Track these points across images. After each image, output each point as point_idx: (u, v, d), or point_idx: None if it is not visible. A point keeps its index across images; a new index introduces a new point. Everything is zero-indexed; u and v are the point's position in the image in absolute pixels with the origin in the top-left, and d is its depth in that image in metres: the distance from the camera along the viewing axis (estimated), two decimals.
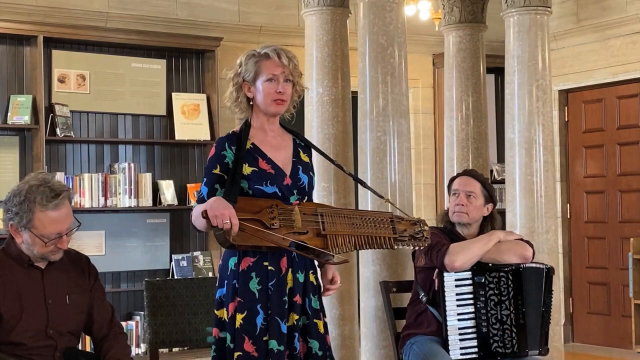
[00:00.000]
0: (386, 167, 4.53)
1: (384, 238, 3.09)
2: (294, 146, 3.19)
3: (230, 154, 3.06)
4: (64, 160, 6.13)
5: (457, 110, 5.42)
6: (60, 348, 2.94)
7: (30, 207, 2.83)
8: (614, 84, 7.20)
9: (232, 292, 3.02)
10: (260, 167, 3.06)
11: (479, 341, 3.71)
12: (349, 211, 3.19)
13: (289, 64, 3.08)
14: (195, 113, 6.54)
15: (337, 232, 3.04)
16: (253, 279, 3.00)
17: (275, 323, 2.99)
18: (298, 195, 3.10)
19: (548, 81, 4.84)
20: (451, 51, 5.51)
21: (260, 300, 2.99)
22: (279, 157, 3.12)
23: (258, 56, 3.09)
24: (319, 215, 3.04)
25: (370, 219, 3.11)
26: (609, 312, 7.29)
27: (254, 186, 3.03)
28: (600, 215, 7.39)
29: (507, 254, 3.77)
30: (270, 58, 3.07)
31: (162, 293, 3.66)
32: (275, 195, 3.04)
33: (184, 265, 6.38)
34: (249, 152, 3.08)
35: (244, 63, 3.10)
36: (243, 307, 2.98)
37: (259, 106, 3.11)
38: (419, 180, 7.50)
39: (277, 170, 3.08)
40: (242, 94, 3.12)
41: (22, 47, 6.01)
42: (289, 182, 3.09)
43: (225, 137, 3.12)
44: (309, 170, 3.18)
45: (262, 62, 3.08)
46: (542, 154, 4.74)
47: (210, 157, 3.12)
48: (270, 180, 3.05)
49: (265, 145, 3.12)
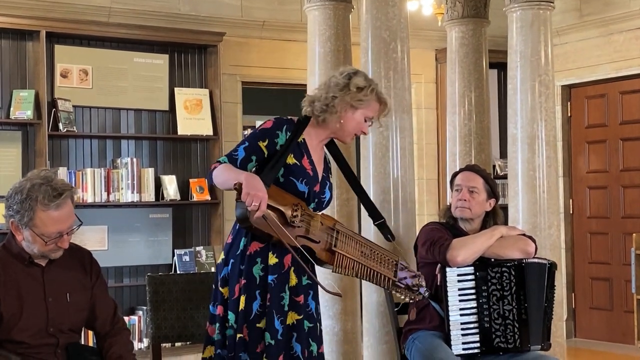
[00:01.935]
0: (388, 163, 4.53)
1: (385, 277, 3.16)
2: (325, 163, 3.29)
3: (283, 137, 3.11)
4: (67, 155, 6.14)
5: (460, 105, 5.41)
6: (61, 345, 2.94)
7: (32, 206, 2.81)
8: (617, 79, 7.19)
9: (237, 274, 3.06)
10: (302, 163, 3.13)
11: (481, 336, 3.71)
12: (362, 239, 3.23)
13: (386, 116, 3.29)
14: (197, 108, 6.54)
15: (347, 253, 3.10)
16: (258, 264, 3.05)
17: (271, 316, 3.02)
18: (316, 205, 3.17)
19: (551, 76, 4.83)
20: (454, 46, 5.50)
21: (259, 287, 3.03)
22: (317, 164, 3.22)
23: (376, 95, 3.21)
24: (335, 231, 3.11)
25: (379, 254, 3.18)
26: (612, 308, 7.29)
27: (290, 177, 3.09)
28: (603, 211, 7.38)
29: (509, 249, 3.77)
30: (386, 106, 3.25)
31: (165, 288, 3.66)
32: (302, 195, 3.10)
33: (186, 260, 6.39)
34: (299, 145, 3.15)
35: (366, 93, 3.17)
36: (247, 288, 3.03)
37: (339, 124, 3.20)
38: (421, 176, 7.50)
39: (314, 174, 3.17)
40: (336, 106, 3.17)
41: (24, 42, 6.01)
42: (318, 188, 3.17)
43: (286, 120, 3.17)
44: (331, 189, 3.30)
45: (373, 102, 3.20)
46: (545, 150, 4.73)
47: (263, 128, 3.14)
48: (306, 179, 3.12)
49: (311, 148, 3.21)
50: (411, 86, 4.72)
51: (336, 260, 3.07)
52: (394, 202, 4.51)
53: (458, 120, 5.41)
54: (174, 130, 6.49)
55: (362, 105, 3.17)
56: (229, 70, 6.74)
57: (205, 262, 6.41)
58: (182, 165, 6.55)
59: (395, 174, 4.52)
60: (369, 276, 3.14)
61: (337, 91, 3.16)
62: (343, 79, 3.18)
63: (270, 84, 7.17)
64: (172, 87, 6.51)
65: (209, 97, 6.58)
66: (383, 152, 4.54)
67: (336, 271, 3.10)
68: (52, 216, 2.83)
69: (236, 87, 6.87)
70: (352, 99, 3.15)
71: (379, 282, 3.16)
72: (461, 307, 3.71)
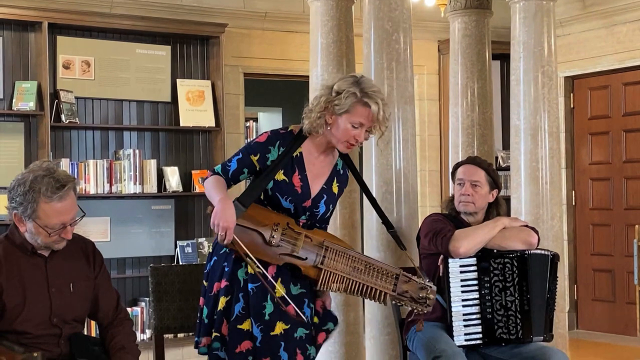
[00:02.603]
0: (391, 154, 4.52)
1: (379, 292, 3.10)
2: (331, 173, 3.21)
3: (275, 153, 3.09)
4: (69, 146, 6.14)
5: (463, 96, 5.40)
6: (64, 336, 2.94)
7: (35, 198, 2.81)
8: (620, 71, 7.17)
9: (219, 273, 3.07)
10: (292, 180, 3.10)
11: (484, 327, 3.71)
12: (356, 254, 3.16)
13: (381, 118, 3.06)
14: (200, 99, 6.54)
15: (335, 269, 3.06)
16: (243, 267, 3.05)
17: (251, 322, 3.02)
18: (308, 218, 3.14)
19: (554, 67, 4.81)
20: (457, 37, 5.49)
21: (243, 290, 3.04)
22: (312, 180, 3.14)
23: (358, 98, 3.04)
24: (323, 248, 3.07)
25: (376, 268, 3.12)
26: (614, 299, 7.30)
27: (276, 193, 3.08)
28: (606, 202, 7.38)
29: (512, 240, 3.77)
30: (369, 108, 3.04)
31: (167, 279, 3.67)
32: (288, 212, 3.09)
33: (188, 251, 6.40)
34: (292, 159, 3.10)
35: (343, 97, 3.04)
36: (229, 291, 3.04)
37: (331, 134, 3.10)
38: (423, 167, 7.50)
39: (304, 191, 3.11)
40: (324, 118, 3.09)
41: (26, 33, 6.01)
42: (308, 204, 3.13)
43: (280, 135, 3.12)
44: (331, 201, 3.20)
45: (358, 106, 3.05)
46: (548, 141, 4.72)
47: (257, 141, 3.13)
48: (292, 197, 3.09)
49: (309, 163, 3.14)
50: (414, 77, 4.71)
51: (322, 277, 3.05)
52: (396, 193, 4.51)
53: (461, 111, 5.40)
54: (176, 121, 6.49)
55: (342, 110, 3.04)
56: (231, 62, 6.74)
57: (208, 254, 6.41)
58: (184, 156, 6.56)
59: (397, 165, 4.52)
60: (361, 292, 3.09)
61: (323, 96, 3.09)
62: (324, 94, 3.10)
63: (273, 76, 7.16)
64: (174, 78, 6.50)
65: (211, 89, 6.58)
66: (385, 144, 4.52)
67: (322, 288, 3.08)
68: (55, 208, 2.83)
69: (238, 78, 6.87)
70: (331, 104, 3.06)
71: (374, 297, 3.10)
72: (463, 298, 3.71)
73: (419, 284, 3.15)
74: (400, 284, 3.12)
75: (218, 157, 6.54)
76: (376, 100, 3.04)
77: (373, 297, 3.11)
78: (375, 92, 3.07)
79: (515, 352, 3.70)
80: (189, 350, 5.89)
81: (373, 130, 3.11)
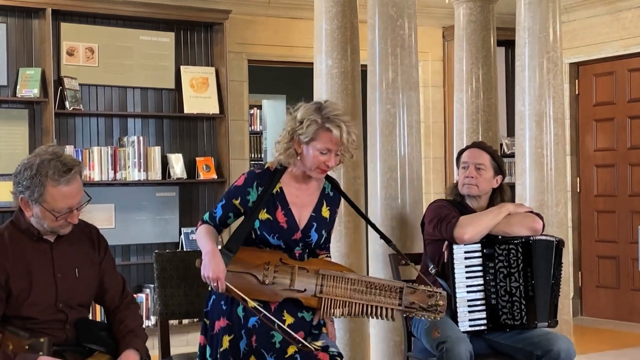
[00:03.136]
0: (395, 140, 4.51)
1: (385, 309, 3.10)
2: (320, 198, 3.22)
3: (254, 194, 3.13)
4: (73, 133, 6.14)
5: (467, 82, 5.38)
6: (70, 321, 2.94)
7: (42, 182, 2.80)
8: (625, 57, 7.14)
9: (218, 312, 3.12)
10: (276, 217, 3.13)
11: (488, 313, 3.71)
12: (355, 276, 3.17)
13: (347, 141, 3.07)
14: (204, 86, 6.53)
15: (335, 296, 3.09)
16: (240, 305, 3.08)
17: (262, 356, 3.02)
18: (303, 248, 3.17)
19: (559, 53, 4.79)
20: (461, 23, 5.46)
21: (244, 326, 3.06)
22: (298, 211, 3.17)
23: (320, 125, 3.05)
24: (320, 276, 3.09)
25: (377, 286, 3.12)
26: (618, 286, 7.30)
27: (263, 232, 3.12)
28: (610, 189, 7.36)
29: (517, 226, 3.76)
30: (331, 133, 3.05)
31: (172, 265, 3.67)
32: (279, 247, 3.13)
33: (193, 238, 6.40)
34: (272, 196, 3.13)
35: (305, 124, 3.07)
36: (231, 329, 3.07)
37: (303, 164, 3.13)
38: (428, 154, 7.49)
39: (290, 225, 3.14)
40: (293, 147, 3.11)
41: (30, 20, 6.00)
42: (299, 236, 3.16)
43: (257, 175, 3.16)
44: (324, 227, 3.21)
45: (321, 132, 3.06)
46: (553, 127, 4.70)
47: (236, 185, 3.19)
48: (279, 234, 3.13)
49: (291, 195, 3.16)
50: (418, 64, 4.70)
51: (323, 305, 3.07)
52: (400, 179, 4.50)
53: (465, 97, 5.38)
54: (180, 108, 6.49)
55: (307, 138, 3.07)
56: (235, 49, 6.72)
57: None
58: (188, 143, 6.55)
59: (402, 151, 4.51)
60: (367, 312, 3.10)
61: (288, 137, 3.12)
62: (291, 115, 3.13)
63: (277, 62, 7.15)
64: (178, 65, 6.50)
65: (215, 76, 6.57)
66: (390, 130, 4.52)
67: (325, 316, 3.10)
68: (62, 191, 2.83)
69: (242, 65, 6.86)
70: (296, 134, 3.09)
71: (380, 315, 3.11)
72: (468, 284, 3.71)
73: (427, 292, 3.14)
74: (406, 296, 3.11)
75: (222, 144, 6.54)
76: (338, 124, 3.05)
77: (380, 315, 3.11)
78: (337, 115, 3.07)
79: (520, 338, 3.71)
80: (194, 337, 5.90)
81: (343, 153, 3.11)
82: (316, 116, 3.06)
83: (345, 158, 3.14)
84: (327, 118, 3.05)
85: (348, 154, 3.12)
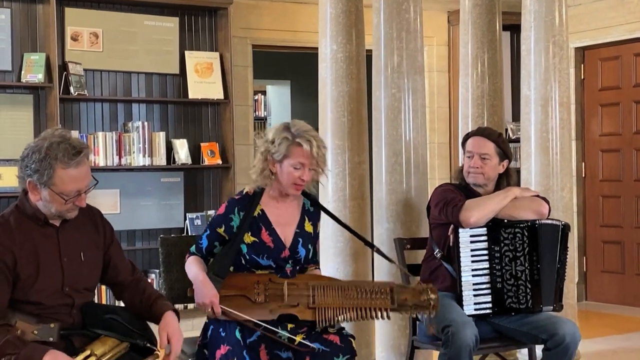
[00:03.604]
0: (400, 125, 4.51)
1: (378, 309, 3.17)
2: (301, 214, 3.32)
3: (237, 220, 3.22)
4: (78, 118, 6.14)
5: (473, 67, 5.35)
6: (77, 305, 2.94)
7: (52, 164, 2.79)
8: (631, 41, 7.11)
9: (218, 340, 3.14)
10: (262, 238, 3.22)
11: (493, 296, 3.72)
12: (345, 283, 3.29)
13: (317, 155, 3.17)
14: (208, 71, 6.52)
15: (327, 304, 3.14)
16: (237, 327, 3.11)
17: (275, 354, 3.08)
18: (293, 265, 3.25)
19: (565, 37, 4.77)
20: (467, 7, 5.43)
21: (244, 346, 3.09)
22: (282, 230, 3.26)
23: (291, 141, 3.16)
24: (310, 288, 3.15)
25: (368, 289, 3.19)
26: (623, 271, 7.29)
27: (251, 255, 3.20)
28: (616, 174, 7.35)
29: (522, 210, 3.76)
30: (302, 147, 3.15)
31: (177, 249, 3.67)
32: (269, 267, 3.20)
33: (198, 224, 6.41)
34: (255, 219, 3.22)
35: (277, 143, 3.18)
36: (233, 353, 3.08)
37: (279, 182, 3.22)
38: (433, 139, 7.47)
39: (276, 244, 3.23)
40: (268, 168, 3.21)
41: (34, 5, 5.99)
42: (287, 254, 3.24)
43: (236, 201, 3.26)
44: (309, 242, 3.31)
45: (293, 148, 3.17)
46: (558, 111, 4.69)
47: (218, 214, 3.28)
48: (267, 254, 3.21)
49: (273, 215, 3.25)
50: (423, 48, 4.68)
51: (317, 315, 3.13)
52: (405, 164, 4.50)
53: (471, 82, 5.36)
54: (184, 93, 6.48)
55: (280, 155, 3.17)
56: (239, 34, 6.71)
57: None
58: (193, 129, 6.55)
59: (407, 136, 4.50)
60: (361, 315, 3.16)
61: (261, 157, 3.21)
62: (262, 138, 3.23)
63: (281, 47, 7.13)
64: (182, 50, 6.48)
65: (219, 61, 6.56)
66: (395, 114, 4.51)
67: (322, 325, 3.13)
68: (71, 174, 2.82)
69: (247, 50, 6.84)
70: (269, 154, 3.20)
71: (375, 316, 3.18)
72: (473, 267, 3.71)
73: (417, 289, 3.21)
74: (397, 295, 3.19)
75: (227, 129, 6.54)
76: (308, 138, 3.17)
77: (374, 316, 3.19)
78: (306, 131, 3.19)
79: (525, 322, 3.71)
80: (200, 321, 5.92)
81: (315, 169, 3.20)
82: (286, 134, 3.18)
83: (318, 174, 3.24)
84: (297, 134, 3.17)
85: (319, 169, 3.22)
